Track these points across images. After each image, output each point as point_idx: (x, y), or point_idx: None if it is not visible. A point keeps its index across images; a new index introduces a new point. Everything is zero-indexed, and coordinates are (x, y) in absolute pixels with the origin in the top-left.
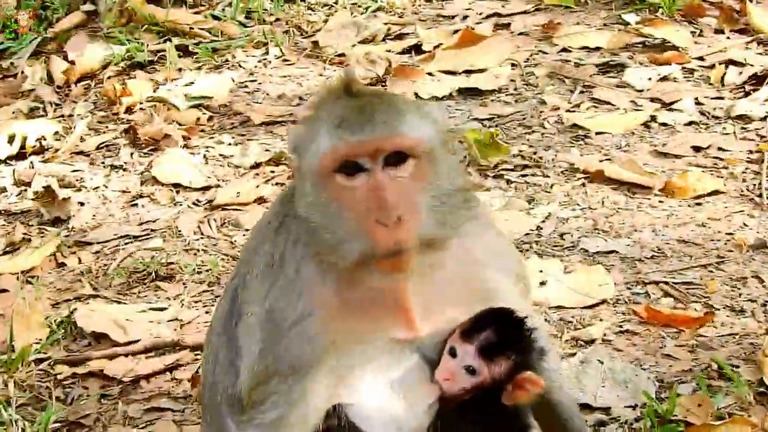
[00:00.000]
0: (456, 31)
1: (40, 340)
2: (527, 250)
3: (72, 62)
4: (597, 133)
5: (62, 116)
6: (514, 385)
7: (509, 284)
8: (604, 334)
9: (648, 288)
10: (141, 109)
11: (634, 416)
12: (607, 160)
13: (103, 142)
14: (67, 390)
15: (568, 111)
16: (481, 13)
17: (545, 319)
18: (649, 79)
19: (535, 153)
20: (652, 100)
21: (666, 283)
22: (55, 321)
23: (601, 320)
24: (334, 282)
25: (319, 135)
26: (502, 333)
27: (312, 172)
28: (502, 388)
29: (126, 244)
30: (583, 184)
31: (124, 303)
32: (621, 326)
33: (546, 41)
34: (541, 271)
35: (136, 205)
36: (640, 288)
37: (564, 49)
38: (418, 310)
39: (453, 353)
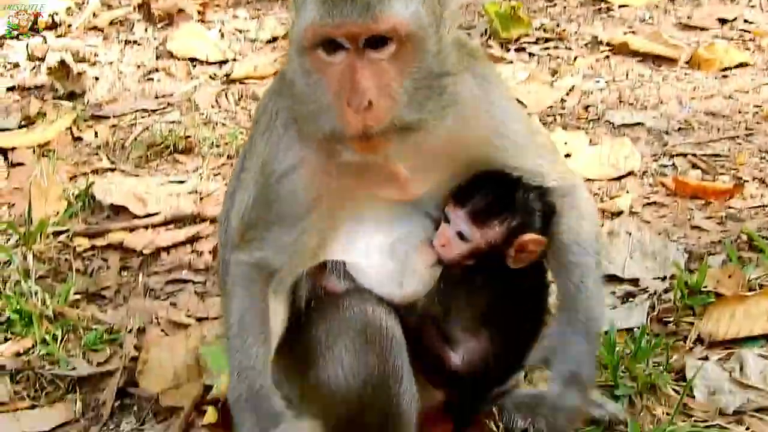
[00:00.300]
0: None
1: (58, 212)
2: (551, 123)
3: None
4: (620, 6)
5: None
6: (516, 249)
7: (513, 146)
8: (632, 206)
9: (675, 160)
10: None
11: (663, 287)
12: (631, 32)
13: (116, 18)
14: (87, 262)
15: None
16: None
17: None
18: None
19: (558, 26)
20: None
21: (694, 155)
22: (72, 194)
23: (628, 192)
24: (316, 147)
25: (306, 7)
26: (492, 196)
27: (297, 42)
28: (503, 253)
29: (143, 117)
30: (607, 57)
31: (143, 176)
32: (648, 198)
33: None
34: (566, 143)
35: (151, 79)
36: (668, 160)
37: None
38: (410, 174)
39: (447, 219)
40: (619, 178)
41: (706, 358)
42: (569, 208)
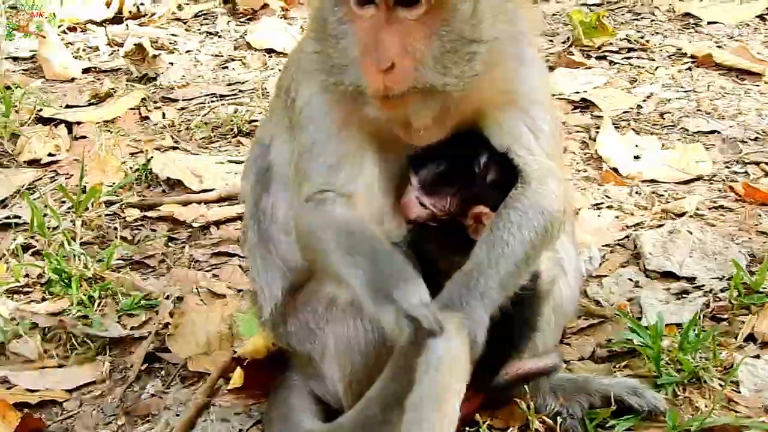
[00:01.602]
0: None
1: (114, 184)
2: (624, 126)
3: None
4: (709, 23)
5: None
6: (471, 218)
7: (524, 123)
8: (697, 209)
9: (748, 168)
10: None
11: (720, 286)
12: (717, 47)
13: (201, 11)
14: (135, 231)
15: (680, 0)
16: None
17: (636, 192)
18: None
19: (642, 37)
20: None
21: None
22: (131, 168)
23: (694, 195)
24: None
25: None
26: (445, 167)
27: None
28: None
29: (212, 102)
30: (690, 68)
31: (203, 155)
32: (715, 202)
33: None
34: (636, 146)
35: (226, 68)
36: (740, 167)
37: None
38: (423, 125)
39: (411, 181)
40: (687, 182)
41: (757, 357)
42: (530, 186)
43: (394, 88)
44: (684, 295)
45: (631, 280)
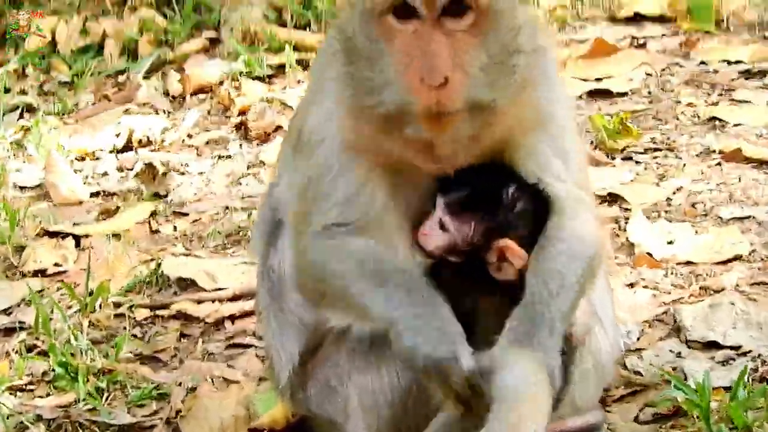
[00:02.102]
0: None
1: (122, 288)
2: (654, 217)
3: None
4: (735, 125)
5: (174, 118)
6: (496, 255)
7: (542, 141)
8: (737, 285)
9: None
10: (255, 112)
11: None
12: (745, 143)
13: (212, 138)
14: (145, 330)
15: (705, 106)
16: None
17: (671, 272)
18: None
19: (668, 138)
20: None
21: None
22: (141, 272)
23: (733, 272)
24: (363, 121)
25: None
26: (476, 189)
27: (364, 7)
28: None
29: (225, 214)
30: (719, 164)
31: (216, 259)
32: (756, 279)
33: (683, 57)
34: (669, 232)
35: (240, 183)
36: None
37: (703, 62)
38: (449, 150)
39: (435, 206)
40: (725, 262)
41: None
42: (565, 215)
43: (447, 104)
44: (730, 362)
45: (672, 351)
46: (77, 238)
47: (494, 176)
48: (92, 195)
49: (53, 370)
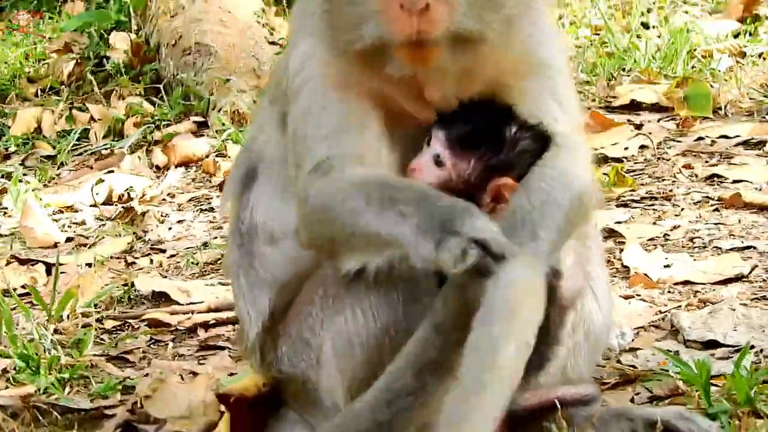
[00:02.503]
0: None
1: (92, 300)
2: (652, 248)
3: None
4: (734, 181)
5: (156, 181)
6: (491, 195)
7: (547, 92)
8: (738, 299)
9: None
10: None
11: None
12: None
13: (195, 196)
14: (114, 335)
15: (705, 164)
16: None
17: (669, 291)
18: None
19: (665, 189)
20: None
21: None
22: (112, 289)
23: (734, 287)
24: (345, 62)
25: None
26: (478, 125)
27: None
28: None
29: (205, 249)
30: (717, 209)
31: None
32: (757, 294)
33: (681, 135)
34: (666, 259)
35: (221, 228)
36: None
37: (700, 138)
38: (438, 97)
39: (429, 142)
40: (724, 281)
41: None
42: (559, 156)
43: (428, 31)
44: (731, 357)
45: (669, 350)
46: (48, 266)
47: (493, 114)
48: (68, 239)
49: (15, 368)
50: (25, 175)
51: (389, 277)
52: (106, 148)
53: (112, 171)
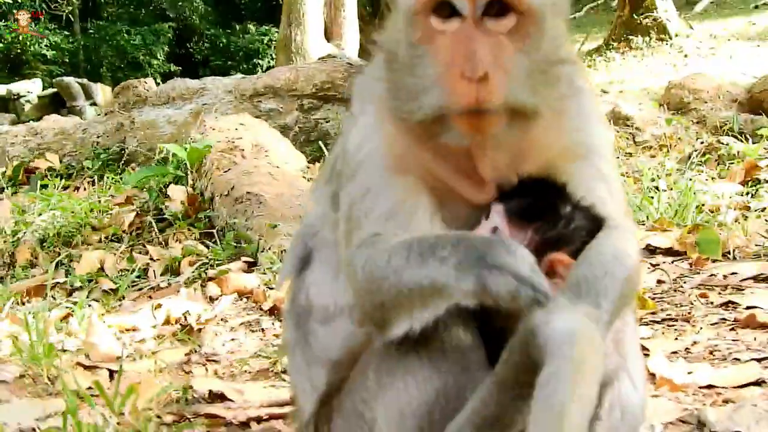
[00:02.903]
0: None
1: (152, 397)
2: (673, 360)
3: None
4: (748, 307)
5: (211, 306)
6: (545, 268)
7: (591, 168)
8: (759, 398)
9: None
10: None
11: None
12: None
13: (246, 321)
14: (172, 428)
15: (719, 294)
16: None
17: (693, 394)
18: None
19: (684, 313)
20: None
21: None
22: (170, 390)
23: (756, 389)
24: (404, 133)
25: None
26: (535, 199)
27: (406, 8)
28: None
29: (258, 357)
30: (734, 329)
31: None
32: None
33: (694, 273)
34: (689, 367)
35: (270, 345)
36: None
37: (713, 274)
38: (491, 176)
39: (487, 216)
40: (746, 386)
41: None
42: (611, 235)
43: (487, 100)
44: None
45: None
46: (111, 372)
47: (548, 191)
48: (129, 356)
49: None
50: (89, 305)
51: (439, 348)
52: (163, 284)
53: (170, 299)
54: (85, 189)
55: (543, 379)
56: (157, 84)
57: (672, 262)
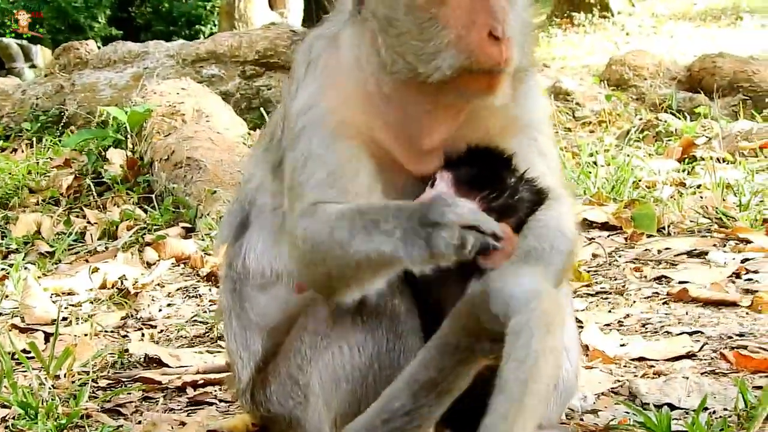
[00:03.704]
0: None
1: (87, 361)
2: (607, 331)
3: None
4: (680, 282)
5: (148, 271)
6: None
7: (534, 143)
8: (690, 371)
9: (739, 350)
10: None
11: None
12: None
13: (183, 286)
14: (108, 392)
15: (652, 269)
16: None
17: (625, 365)
18: (733, 259)
19: (618, 286)
20: (737, 275)
21: (760, 347)
22: (105, 354)
23: (686, 361)
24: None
25: None
26: (483, 168)
27: None
28: None
29: (194, 324)
30: (666, 303)
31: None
32: (706, 369)
33: (629, 248)
34: (621, 339)
35: (207, 311)
36: (728, 351)
37: (647, 249)
38: (441, 143)
39: (432, 184)
40: (677, 358)
41: None
42: (552, 208)
43: (510, 59)
44: (686, 417)
45: (628, 412)
46: (47, 335)
47: (495, 161)
48: (64, 318)
49: (14, 417)
50: (25, 268)
51: (373, 314)
52: (100, 247)
53: (107, 263)
54: (23, 151)
55: (512, 335)
56: (99, 47)
57: (608, 237)
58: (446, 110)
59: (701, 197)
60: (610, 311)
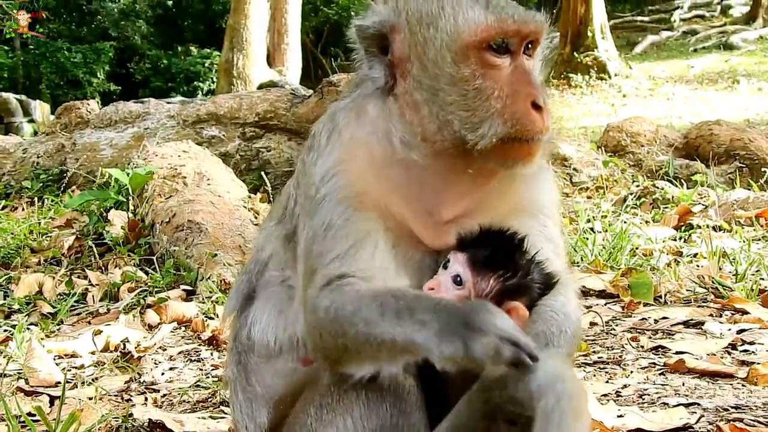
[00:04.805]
0: None
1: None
2: (606, 402)
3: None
4: (677, 352)
5: (150, 334)
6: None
7: (543, 227)
8: None
9: (735, 421)
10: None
11: None
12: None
13: (185, 350)
14: None
15: (649, 338)
16: None
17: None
18: (729, 329)
19: (616, 355)
20: (733, 346)
21: (756, 420)
22: (110, 419)
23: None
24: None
25: (469, 8)
26: (497, 249)
27: (453, 45)
28: None
29: (197, 389)
30: (663, 374)
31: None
32: None
33: (626, 316)
34: (619, 410)
35: (209, 375)
36: (725, 423)
37: (644, 318)
38: (455, 218)
39: (446, 265)
40: (674, 430)
41: None
42: (559, 293)
43: (549, 129)
44: None
45: None
46: (52, 398)
47: (508, 242)
48: (68, 381)
49: None
50: (28, 328)
51: (378, 389)
52: (102, 309)
53: (109, 325)
54: (23, 210)
55: (542, 416)
56: (98, 103)
57: (605, 305)
58: (475, 179)
59: (698, 266)
60: (607, 381)
